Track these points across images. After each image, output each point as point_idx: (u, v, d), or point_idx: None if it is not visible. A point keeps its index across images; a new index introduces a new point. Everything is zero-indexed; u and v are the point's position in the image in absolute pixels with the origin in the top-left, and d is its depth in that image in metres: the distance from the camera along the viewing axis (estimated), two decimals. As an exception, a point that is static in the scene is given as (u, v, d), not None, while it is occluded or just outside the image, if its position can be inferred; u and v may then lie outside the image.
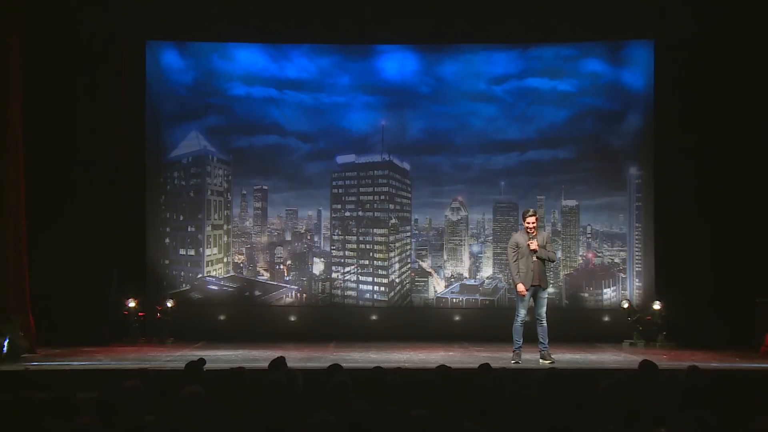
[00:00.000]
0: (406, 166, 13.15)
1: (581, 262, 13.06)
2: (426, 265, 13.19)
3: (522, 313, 9.79)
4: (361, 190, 13.15)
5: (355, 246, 13.16)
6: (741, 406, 5.19)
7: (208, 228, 13.04)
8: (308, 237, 13.24)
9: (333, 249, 13.17)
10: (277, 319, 12.91)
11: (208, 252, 13.00)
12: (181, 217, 13.08)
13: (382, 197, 13.14)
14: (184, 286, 12.95)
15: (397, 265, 13.14)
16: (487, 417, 4.86)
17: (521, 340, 9.78)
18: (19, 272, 10.69)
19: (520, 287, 9.71)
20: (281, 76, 12.99)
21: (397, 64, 12.99)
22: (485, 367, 6.73)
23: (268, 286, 13.12)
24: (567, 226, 13.09)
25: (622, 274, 12.89)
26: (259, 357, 9.93)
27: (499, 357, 9.92)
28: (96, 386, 5.46)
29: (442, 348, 11.27)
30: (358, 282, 13.14)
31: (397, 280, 13.13)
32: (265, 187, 13.18)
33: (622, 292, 12.77)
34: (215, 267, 13.04)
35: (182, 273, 12.99)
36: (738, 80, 11.76)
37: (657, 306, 11.93)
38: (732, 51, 11.75)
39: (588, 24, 12.37)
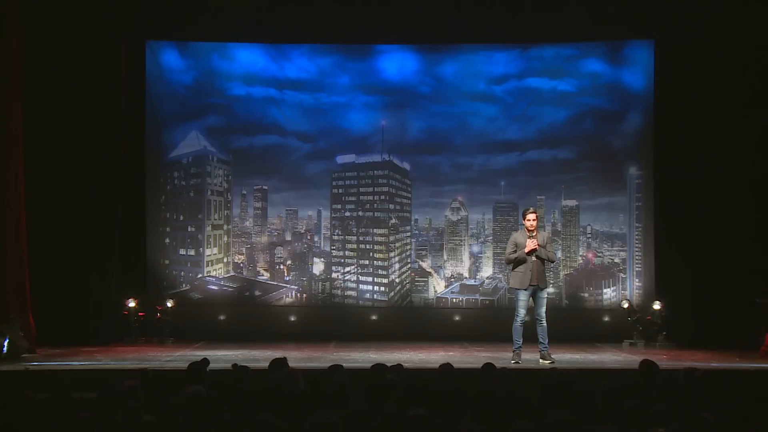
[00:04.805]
0: (406, 166, 13.15)
1: (581, 262, 13.06)
2: (426, 265, 13.19)
3: (521, 313, 9.78)
4: (361, 190, 13.16)
5: (355, 246, 13.16)
6: (741, 406, 5.19)
7: (208, 228, 13.04)
8: (308, 237, 13.24)
9: (333, 249, 13.17)
10: (277, 319, 12.91)
11: (208, 252, 13.01)
12: (181, 217, 13.08)
13: (382, 197, 13.14)
14: (184, 286, 12.95)
15: (397, 265, 13.14)
16: (487, 417, 4.86)
17: (521, 340, 9.77)
18: (19, 272, 10.69)
19: (530, 245, 9.58)
20: (281, 76, 12.99)
21: (397, 64, 12.99)
22: (488, 366, 6.74)
23: (268, 286, 13.12)
24: (567, 226, 13.09)
25: (622, 274, 12.89)
26: (259, 357, 9.92)
27: (499, 357, 9.90)
28: (96, 386, 5.47)
29: (442, 348, 11.26)
30: (358, 282, 13.14)
31: (397, 280, 13.13)
32: (265, 187, 13.18)
33: (622, 292, 12.77)
34: (215, 267, 13.04)
35: (182, 273, 12.99)
36: (737, 80, 11.76)
37: (657, 306, 11.94)
38: (731, 51, 11.75)
39: (588, 24, 12.37)
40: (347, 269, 13.15)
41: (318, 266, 13.18)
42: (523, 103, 12.97)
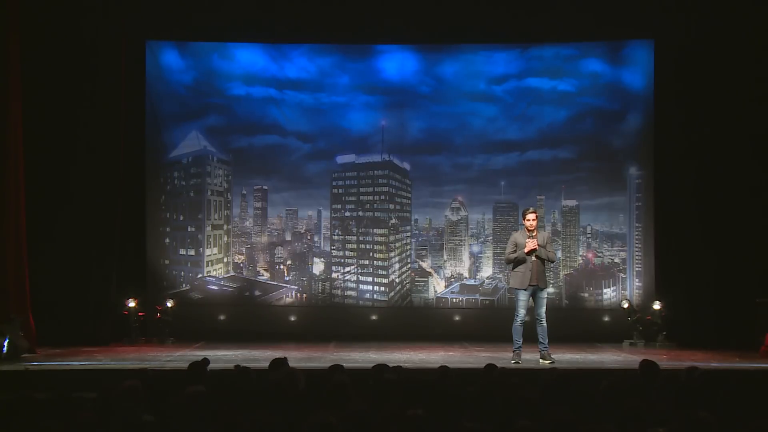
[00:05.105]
0: (406, 166, 13.16)
1: (581, 262, 13.06)
2: (426, 265, 13.19)
3: (521, 313, 9.78)
4: (361, 190, 13.16)
5: (355, 246, 13.16)
6: (741, 406, 5.19)
7: (208, 228, 13.04)
8: (308, 237, 13.24)
9: (333, 249, 13.17)
10: (277, 319, 12.91)
11: (208, 252, 13.01)
12: (181, 217, 13.08)
13: (382, 197, 13.14)
14: (184, 286, 12.95)
15: (397, 265, 13.15)
16: (487, 417, 4.86)
17: (521, 340, 9.77)
18: (19, 272, 10.69)
19: (530, 245, 9.59)
20: (281, 76, 13.00)
21: (397, 64, 12.99)
22: (490, 367, 6.74)
23: (268, 286, 13.12)
24: (567, 226, 13.09)
25: (622, 274, 12.89)
26: (259, 357, 9.92)
27: (499, 357, 9.90)
28: (96, 386, 5.47)
29: (442, 348, 11.27)
30: (358, 282, 13.14)
31: (397, 280, 13.13)
32: (265, 187, 13.18)
33: (622, 292, 12.77)
34: (215, 267, 13.04)
35: (182, 273, 12.99)
36: (738, 80, 11.76)
37: (657, 306, 11.94)
38: (732, 51, 11.75)
39: (588, 24, 12.38)
40: (347, 269, 13.15)
41: (318, 266, 13.18)
42: (523, 103, 12.97)
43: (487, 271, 13.12)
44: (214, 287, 13.01)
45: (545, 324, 9.75)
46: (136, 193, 12.63)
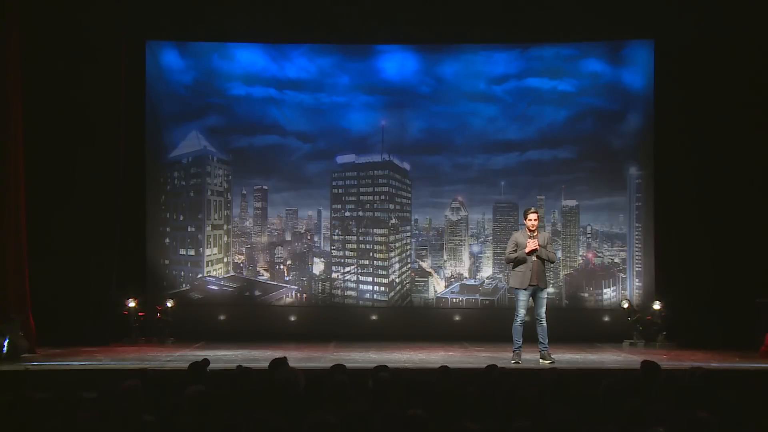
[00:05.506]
0: (406, 166, 13.16)
1: (581, 262, 13.06)
2: (426, 265, 13.19)
3: (521, 313, 9.78)
4: (361, 190, 13.16)
5: (355, 246, 13.16)
6: (741, 406, 5.19)
7: (208, 228, 13.04)
8: (308, 237, 13.24)
9: (333, 249, 13.17)
10: (277, 319, 12.91)
11: (208, 252, 13.01)
12: (181, 217, 13.08)
13: (382, 197, 13.14)
14: (184, 286, 12.95)
15: (397, 265, 13.14)
16: (487, 417, 4.86)
17: (521, 340, 9.78)
18: (19, 272, 10.70)
19: (531, 245, 9.60)
20: (281, 76, 13.00)
21: (397, 64, 12.99)
22: (491, 367, 6.73)
23: (268, 286, 13.12)
24: (567, 226, 13.09)
25: (622, 274, 12.89)
26: (259, 357, 9.93)
27: (499, 357, 9.91)
28: (96, 386, 5.47)
29: (442, 348, 11.27)
30: (358, 282, 13.14)
31: (397, 280, 13.13)
32: (265, 187, 13.18)
33: (622, 292, 12.77)
34: (215, 267, 13.04)
35: (182, 273, 12.99)
36: (738, 80, 11.77)
37: (657, 306, 11.94)
38: (732, 51, 11.75)
39: (588, 24, 12.38)
40: (347, 269, 13.15)
41: (318, 266, 13.18)
42: (523, 103, 12.97)
43: (487, 271, 13.12)
44: (214, 287, 13.02)
45: (545, 324, 9.75)
46: (136, 193, 12.63)
